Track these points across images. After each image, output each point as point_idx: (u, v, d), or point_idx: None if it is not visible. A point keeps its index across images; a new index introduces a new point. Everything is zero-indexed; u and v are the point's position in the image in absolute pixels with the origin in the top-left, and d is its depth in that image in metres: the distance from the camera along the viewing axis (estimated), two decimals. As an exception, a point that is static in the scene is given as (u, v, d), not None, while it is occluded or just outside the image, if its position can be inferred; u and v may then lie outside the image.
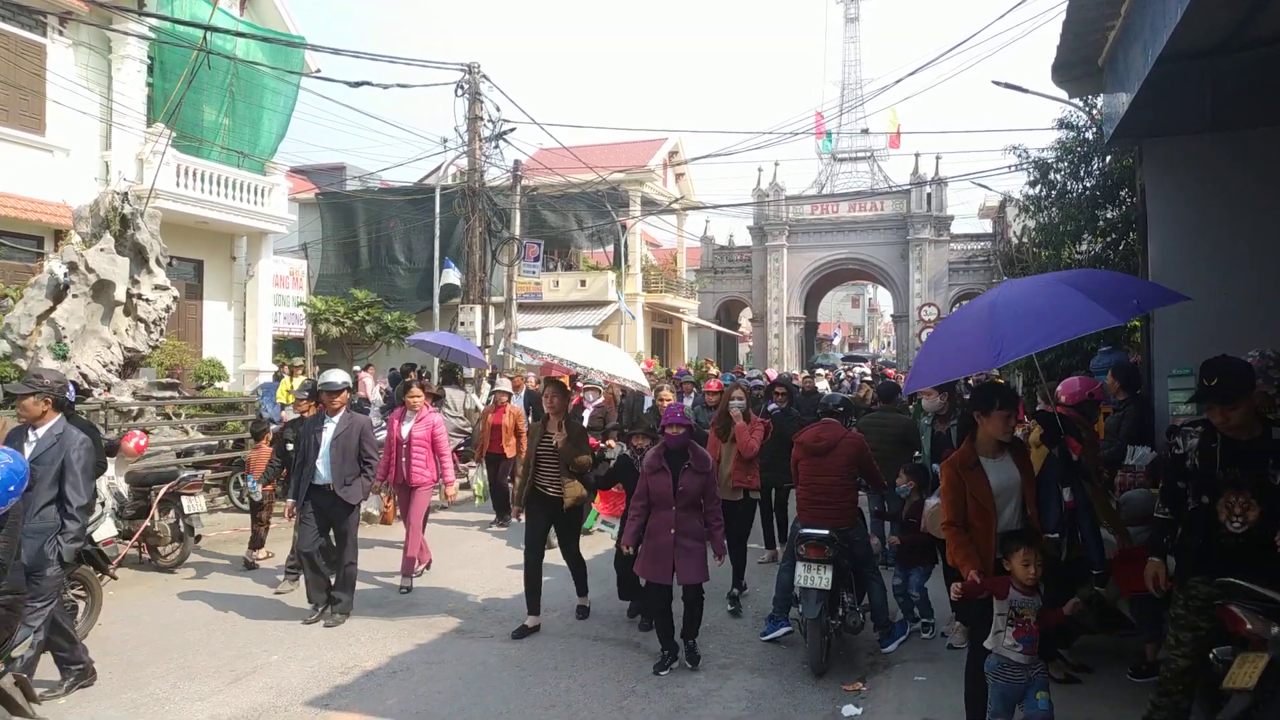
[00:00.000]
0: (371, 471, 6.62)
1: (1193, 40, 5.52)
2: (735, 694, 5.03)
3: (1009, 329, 3.79)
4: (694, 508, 5.27)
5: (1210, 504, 3.49)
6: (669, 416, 5.40)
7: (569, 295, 27.89)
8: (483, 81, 16.13)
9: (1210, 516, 3.50)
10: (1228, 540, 3.45)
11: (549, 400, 6.24)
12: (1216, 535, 3.48)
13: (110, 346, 10.08)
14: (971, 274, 34.72)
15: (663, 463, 5.29)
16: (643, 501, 5.35)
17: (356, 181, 28.93)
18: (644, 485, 5.34)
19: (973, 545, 3.89)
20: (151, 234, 10.75)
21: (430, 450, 7.56)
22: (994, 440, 4.03)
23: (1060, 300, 3.88)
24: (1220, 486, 3.45)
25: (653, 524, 5.32)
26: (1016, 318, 3.85)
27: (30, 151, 14.02)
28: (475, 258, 16.66)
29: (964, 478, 4.01)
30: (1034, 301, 3.94)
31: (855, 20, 43.52)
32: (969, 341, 4.11)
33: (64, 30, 14.54)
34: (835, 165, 40.12)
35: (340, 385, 6.59)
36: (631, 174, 27.89)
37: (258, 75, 16.87)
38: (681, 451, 5.29)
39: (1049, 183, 10.49)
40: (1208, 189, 6.77)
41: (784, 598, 5.75)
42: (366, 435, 6.54)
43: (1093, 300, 3.79)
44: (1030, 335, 3.75)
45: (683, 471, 5.25)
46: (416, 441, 7.52)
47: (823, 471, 5.55)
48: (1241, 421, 3.53)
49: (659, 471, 5.28)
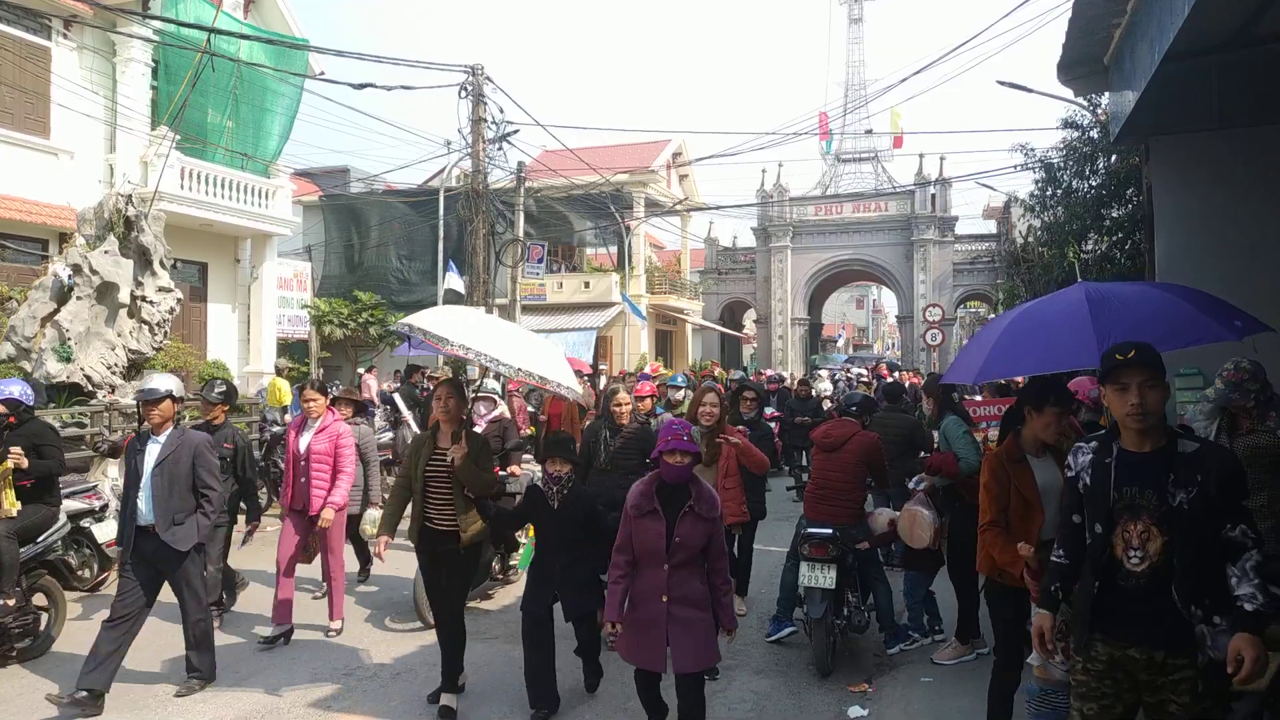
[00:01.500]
0: (211, 508, 5.00)
1: (1200, 37, 5.49)
2: (740, 695, 5.00)
3: (1119, 327, 3.58)
4: (693, 566, 3.92)
5: (1105, 535, 2.74)
6: (669, 437, 3.91)
7: (573, 297, 27.89)
8: (486, 83, 16.12)
9: (1107, 552, 2.74)
10: (1128, 581, 2.69)
11: (441, 403, 4.86)
12: (1115, 576, 2.73)
13: (114, 349, 10.08)
14: (976, 275, 34.64)
15: (654, 503, 3.90)
16: (626, 556, 3.97)
17: (361, 184, 28.98)
18: (627, 533, 3.96)
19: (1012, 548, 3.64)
20: (155, 236, 10.77)
21: (332, 466, 6.10)
22: (1038, 439, 3.82)
23: (1170, 307, 3.76)
24: (1115, 512, 2.72)
25: (638, 589, 3.96)
26: (1127, 317, 3.67)
27: (35, 154, 14.07)
28: (479, 259, 16.65)
29: (1010, 472, 3.77)
30: (1144, 306, 3.83)
31: (859, 21, 43.49)
32: (1065, 337, 3.89)
33: (68, 33, 14.59)
34: (839, 166, 40.07)
35: (161, 394, 4.92)
36: (635, 175, 27.89)
37: (261, 78, 16.91)
38: (682, 489, 3.92)
39: (1055, 181, 10.45)
40: (1215, 187, 6.72)
41: (788, 598, 5.72)
42: (202, 458, 4.96)
43: (1201, 313, 3.67)
44: (1143, 337, 3.63)
45: (682, 516, 3.87)
46: (316, 457, 6.03)
47: (832, 467, 5.54)
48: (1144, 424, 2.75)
49: (648, 514, 3.89)
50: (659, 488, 3.96)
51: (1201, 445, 2.72)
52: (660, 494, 3.95)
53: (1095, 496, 2.78)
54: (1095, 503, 2.78)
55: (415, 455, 4.93)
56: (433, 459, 4.83)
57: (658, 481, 3.98)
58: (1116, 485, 2.72)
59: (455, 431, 4.83)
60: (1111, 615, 2.73)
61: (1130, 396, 2.67)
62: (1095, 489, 2.78)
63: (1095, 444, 2.84)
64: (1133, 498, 2.69)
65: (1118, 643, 2.71)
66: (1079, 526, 2.87)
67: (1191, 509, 2.60)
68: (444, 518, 4.78)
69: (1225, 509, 2.60)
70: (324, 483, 6.04)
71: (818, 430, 5.86)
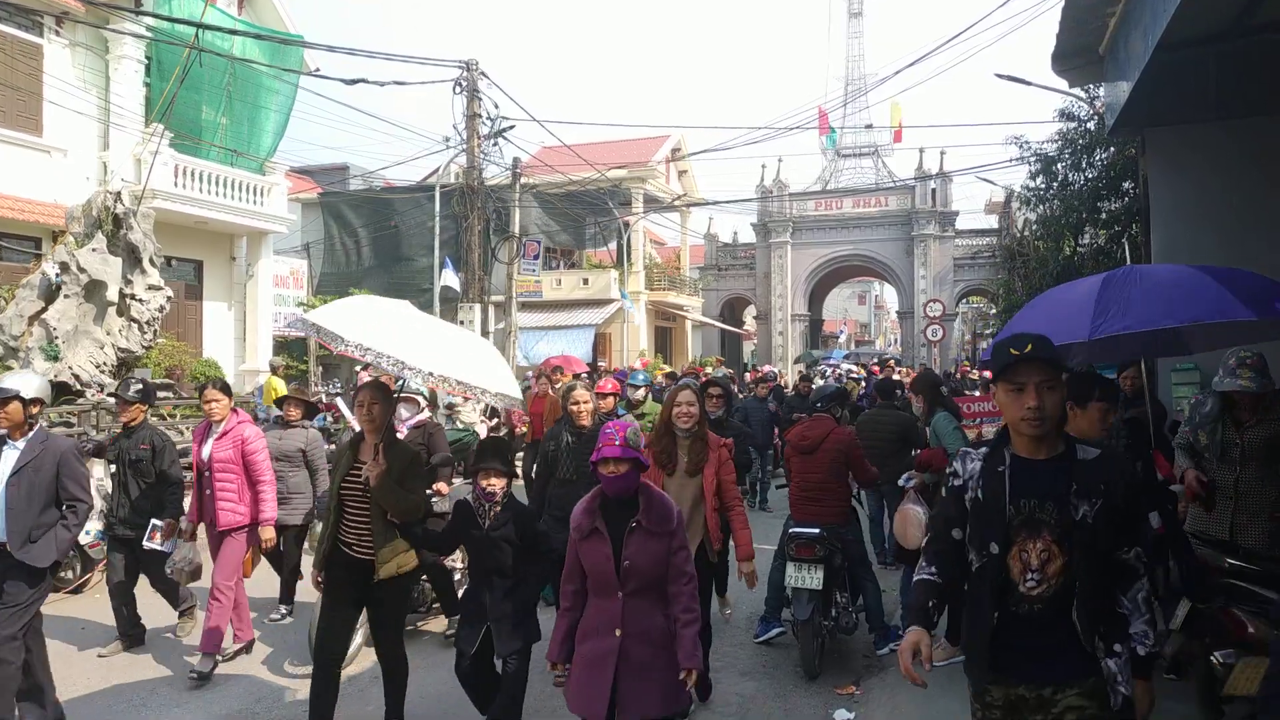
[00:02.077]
0: (75, 521, 4.36)
1: (1195, 26, 5.40)
2: (724, 698, 4.91)
3: (1121, 304, 3.57)
4: (655, 594, 3.28)
5: (1002, 555, 2.36)
6: (600, 444, 3.32)
7: (572, 294, 27.81)
8: (481, 79, 16.04)
9: (1003, 574, 2.37)
10: (1021, 607, 2.35)
11: (364, 409, 4.14)
12: (1006, 602, 2.37)
13: (103, 347, 10.02)
14: (977, 270, 34.50)
15: (597, 520, 3.31)
16: (574, 585, 3.38)
17: (359, 181, 28.92)
18: (573, 559, 3.38)
19: None
20: (145, 233, 10.70)
21: (243, 476, 5.42)
22: (1083, 436, 3.60)
23: (1199, 284, 3.67)
24: (1011, 529, 2.36)
25: (589, 622, 3.35)
26: (1139, 294, 3.64)
27: (27, 152, 14.00)
28: (475, 256, 16.58)
29: None
30: (1173, 284, 3.77)
31: (859, 15, 43.30)
32: (1065, 312, 3.88)
33: (60, 30, 14.51)
34: (839, 161, 39.90)
35: (11, 394, 4.29)
36: (634, 171, 27.80)
37: (256, 74, 16.82)
38: (628, 501, 3.32)
39: (1051, 174, 10.35)
40: (1212, 178, 6.63)
41: (775, 598, 5.63)
42: (68, 467, 4.34)
43: (1230, 292, 3.56)
44: (1151, 310, 3.55)
45: (630, 534, 3.26)
46: (220, 466, 5.35)
47: (812, 469, 5.43)
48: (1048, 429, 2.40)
49: (592, 535, 3.30)
50: (603, 503, 3.36)
51: (1103, 451, 2.41)
52: (605, 510, 3.35)
53: (988, 511, 2.38)
54: (988, 518, 2.38)
55: (334, 469, 4.35)
56: (350, 474, 4.16)
57: (601, 496, 3.37)
58: (1013, 498, 2.35)
59: (377, 443, 4.08)
60: (1007, 650, 2.36)
61: (1027, 398, 2.31)
62: (989, 503, 2.38)
63: (985, 449, 2.47)
64: (1032, 511, 2.33)
65: (1013, 682, 2.37)
66: (958, 544, 2.49)
67: (1095, 523, 2.29)
68: (364, 545, 4.14)
69: (1126, 525, 2.33)
70: (231, 495, 5.37)
71: (792, 432, 5.72)
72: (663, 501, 3.40)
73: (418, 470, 4.32)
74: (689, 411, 4.71)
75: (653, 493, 3.41)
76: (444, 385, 3.80)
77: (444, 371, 3.75)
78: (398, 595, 4.31)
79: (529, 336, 24.43)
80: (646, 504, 3.33)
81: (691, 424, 4.71)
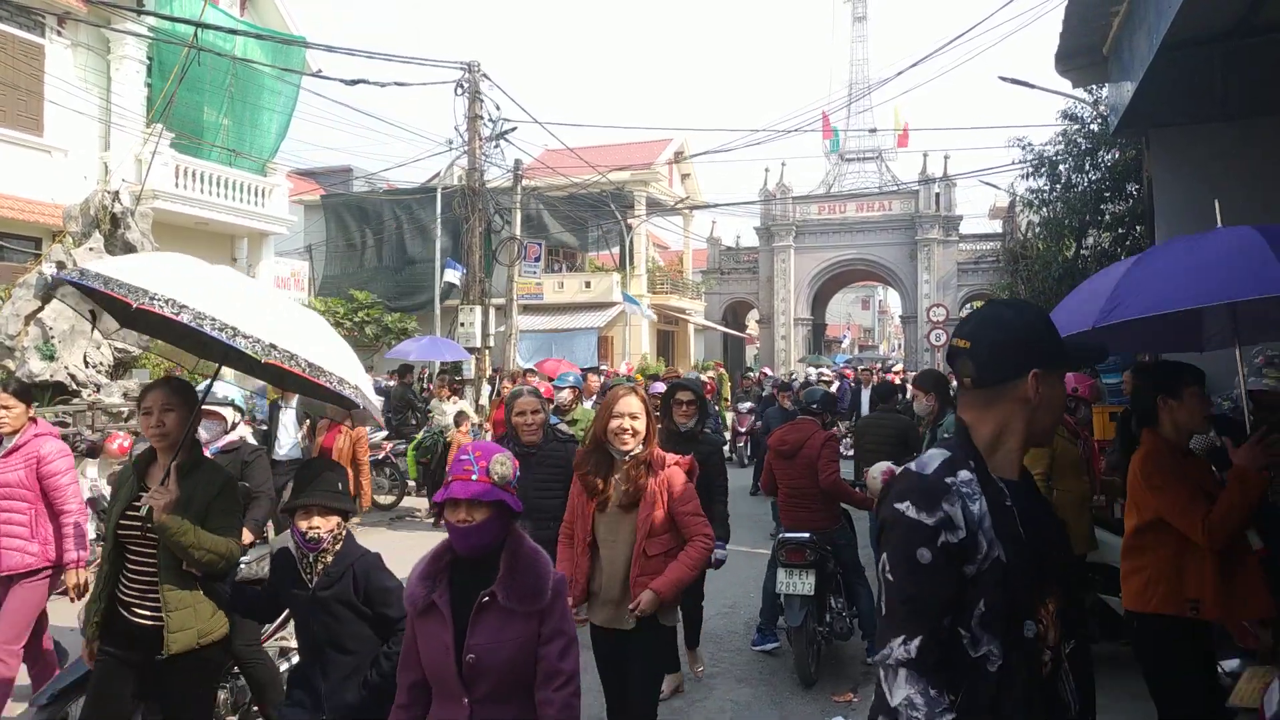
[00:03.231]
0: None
1: (1199, 26, 5.33)
2: (720, 705, 4.83)
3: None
4: (515, 700, 2.30)
5: (1034, 630, 1.59)
6: (454, 474, 2.34)
7: (574, 297, 27.75)
8: (483, 80, 15.99)
9: (1038, 666, 1.60)
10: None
11: (150, 418, 3.13)
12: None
13: (99, 347, 9.95)
14: (981, 274, 34.39)
15: (437, 591, 2.34)
16: (412, 676, 2.40)
17: (362, 183, 28.92)
18: (409, 641, 2.41)
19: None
20: (143, 233, 10.64)
21: (39, 504, 4.18)
22: (1183, 429, 3.13)
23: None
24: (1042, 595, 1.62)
25: None
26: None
27: (28, 152, 13.98)
28: (475, 258, 16.52)
29: (1185, 468, 3.07)
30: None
31: (863, 19, 43.29)
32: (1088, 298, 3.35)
33: (62, 31, 14.50)
34: (843, 165, 39.84)
35: None
36: (636, 174, 27.74)
37: (257, 75, 16.80)
38: (484, 563, 2.33)
39: (1054, 176, 10.27)
40: (1219, 178, 6.55)
41: (770, 607, 5.54)
42: None
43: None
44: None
45: (479, 613, 2.29)
46: (5, 492, 4.13)
47: (795, 474, 5.34)
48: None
49: (429, 613, 2.34)
50: (453, 564, 2.34)
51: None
52: (454, 574, 2.33)
53: (1020, 575, 1.56)
54: (1022, 584, 1.57)
55: (111, 502, 3.30)
56: (132, 509, 3.10)
57: (450, 554, 2.35)
58: (1034, 541, 1.62)
59: (180, 464, 3.06)
60: None
61: (1064, 389, 1.77)
62: (1018, 562, 1.56)
63: (964, 473, 1.61)
64: (1045, 561, 1.65)
65: None
66: (952, 634, 1.55)
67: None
68: (149, 607, 3.08)
69: None
70: (20, 527, 4.12)
71: (773, 436, 5.62)
72: (534, 564, 2.32)
73: (230, 503, 3.20)
74: (628, 429, 3.38)
75: (521, 550, 2.33)
76: (290, 365, 2.69)
77: (290, 347, 2.70)
78: (196, 677, 3.15)
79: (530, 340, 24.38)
80: (509, 567, 2.27)
81: (632, 445, 3.39)
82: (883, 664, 1.56)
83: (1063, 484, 4.77)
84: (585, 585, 3.43)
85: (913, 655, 1.52)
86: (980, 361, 1.67)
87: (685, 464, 3.53)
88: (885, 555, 1.61)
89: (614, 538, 3.40)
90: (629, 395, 3.49)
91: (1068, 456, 4.80)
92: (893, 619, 1.56)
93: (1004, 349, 1.66)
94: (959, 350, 1.71)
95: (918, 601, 1.54)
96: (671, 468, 3.46)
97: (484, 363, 15.95)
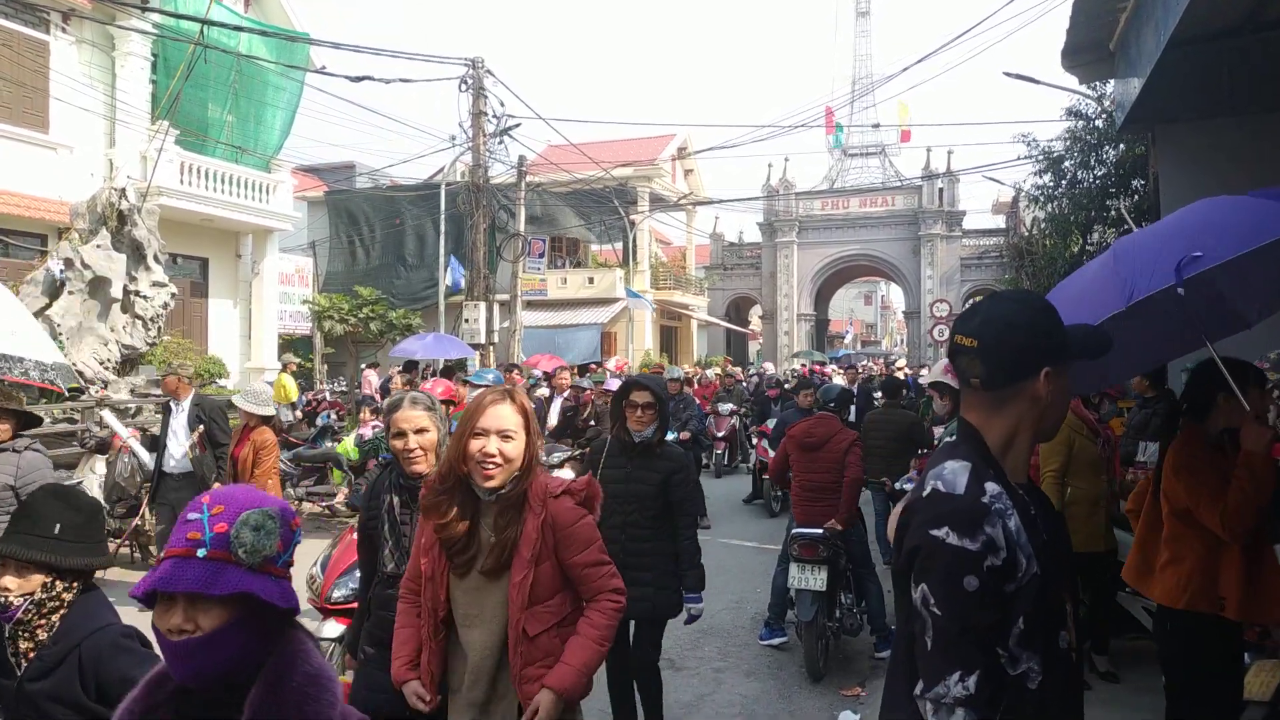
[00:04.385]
0: None
1: (1207, 22, 5.33)
2: (729, 699, 4.86)
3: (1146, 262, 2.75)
4: None
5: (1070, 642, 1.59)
6: (169, 549, 1.42)
7: (577, 293, 27.75)
8: (487, 76, 16.00)
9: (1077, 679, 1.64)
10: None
11: None
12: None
13: (107, 343, 10.01)
14: (984, 270, 34.35)
15: None
16: None
17: (365, 179, 28.94)
18: None
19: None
20: (149, 230, 10.68)
21: None
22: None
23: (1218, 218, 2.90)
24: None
25: None
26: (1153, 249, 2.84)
27: (34, 149, 14.02)
28: (479, 254, 16.55)
29: (1216, 459, 3.00)
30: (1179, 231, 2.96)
31: (866, 14, 43.18)
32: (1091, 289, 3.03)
33: (67, 27, 14.53)
34: (846, 161, 39.78)
35: None
36: (640, 170, 27.73)
37: (262, 72, 16.83)
38: (227, 699, 1.41)
39: (1059, 172, 10.27)
40: (1225, 175, 6.54)
41: (780, 603, 5.56)
42: None
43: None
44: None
45: None
46: None
47: (815, 468, 5.37)
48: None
49: None
50: (179, 692, 1.46)
51: None
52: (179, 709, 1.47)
53: (1054, 588, 1.54)
54: (1056, 596, 1.55)
55: None
56: None
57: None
58: (1057, 545, 1.60)
59: None
60: None
61: (1066, 380, 1.65)
62: (1053, 574, 1.53)
63: (998, 488, 1.53)
64: (1066, 559, 1.65)
65: None
66: (1000, 669, 1.47)
67: None
68: None
69: None
70: None
71: (797, 428, 5.64)
72: (306, 685, 1.44)
73: None
74: (500, 455, 2.36)
75: (288, 682, 1.43)
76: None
77: None
78: None
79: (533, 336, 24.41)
80: (264, 694, 1.40)
81: (501, 479, 2.37)
82: (936, 702, 1.45)
83: (1077, 481, 4.77)
84: (438, 677, 2.42)
85: (971, 692, 1.43)
86: (989, 362, 1.58)
87: (579, 489, 2.48)
88: (925, 586, 1.49)
89: (479, 612, 2.38)
90: (499, 403, 2.41)
91: (1085, 454, 4.76)
92: (946, 653, 1.46)
93: (1014, 349, 1.57)
94: (964, 349, 1.61)
95: (971, 633, 1.45)
96: (558, 499, 2.41)
97: (488, 359, 15.98)
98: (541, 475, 2.48)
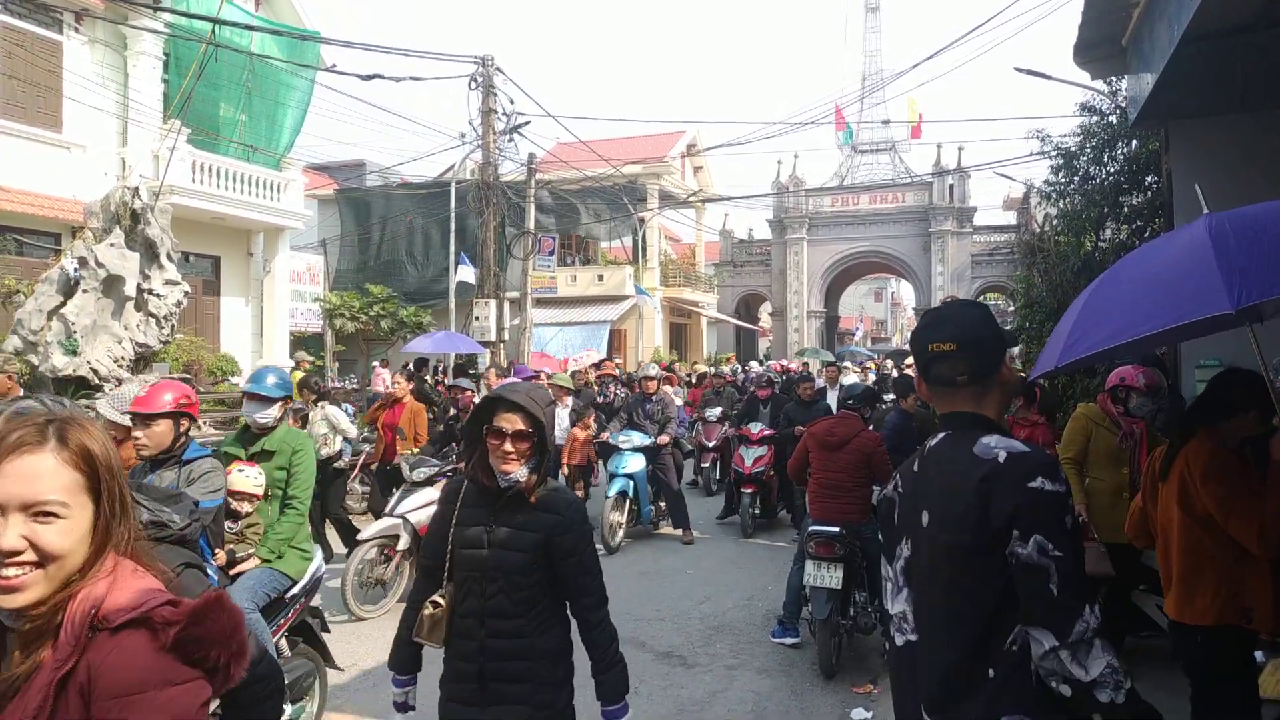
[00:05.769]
0: None
1: (1221, 17, 5.29)
2: (741, 696, 4.87)
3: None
4: None
5: None
6: None
7: (587, 290, 27.79)
8: (497, 74, 16.02)
9: None
10: None
11: None
12: None
13: (121, 342, 10.06)
14: (995, 266, 34.20)
15: None
16: None
17: (376, 177, 29.02)
18: None
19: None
20: (162, 229, 10.73)
21: None
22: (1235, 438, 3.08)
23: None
24: None
25: None
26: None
27: (46, 148, 14.11)
28: (489, 252, 16.58)
29: (1242, 468, 2.96)
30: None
31: (876, 10, 43.01)
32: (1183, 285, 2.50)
33: (80, 27, 14.61)
34: (856, 157, 39.66)
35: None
36: (649, 167, 27.72)
37: (273, 71, 16.89)
38: None
39: (1072, 169, 10.20)
40: (1239, 172, 6.50)
41: (795, 601, 5.56)
42: None
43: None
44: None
45: None
46: None
47: (835, 466, 5.36)
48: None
49: None
50: None
51: None
52: None
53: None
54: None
55: None
56: None
57: None
58: None
59: None
60: None
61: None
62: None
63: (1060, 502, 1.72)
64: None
65: None
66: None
67: None
68: None
69: None
70: None
71: (819, 426, 5.64)
72: None
73: None
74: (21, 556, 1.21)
75: None
76: None
77: None
78: None
79: (543, 333, 24.45)
80: None
81: (37, 597, 1.22)
82: (1079, 640, 1.56)
83: (1097, 472, 4.75)
84: None
85: (1100, 620, 1.59)
86: (973, 359, 1.85)
87: (174, 618, 1.23)
88: (1038, 536, 1.61)
89: None
90: (30, 451, 1.24)
91: (1103, 445, 4.73)
92: (1078, 590, 1.59)
93: (989, 345, 1.87)
94: (944, 354, 1.86)
95: (1082, 565, 1.63)
96: (120, 635, 1.21)
97: (499, 356, 16.02)
98: (115, 588, 1.26)
